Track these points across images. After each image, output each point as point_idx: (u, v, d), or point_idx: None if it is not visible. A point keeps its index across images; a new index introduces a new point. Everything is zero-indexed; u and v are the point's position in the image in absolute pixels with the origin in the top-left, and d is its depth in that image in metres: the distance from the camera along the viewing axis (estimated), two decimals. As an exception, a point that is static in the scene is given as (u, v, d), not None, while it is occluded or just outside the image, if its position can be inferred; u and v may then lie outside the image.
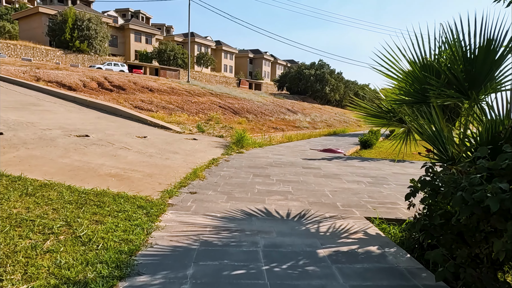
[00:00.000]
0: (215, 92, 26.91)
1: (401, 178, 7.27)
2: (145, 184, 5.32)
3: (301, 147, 12.61)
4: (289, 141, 14.88)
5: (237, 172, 6.91)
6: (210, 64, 62.43)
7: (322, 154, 10.77)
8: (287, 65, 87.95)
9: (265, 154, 9.77)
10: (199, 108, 19.72)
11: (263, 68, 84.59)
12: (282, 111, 27.97)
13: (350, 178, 7.01)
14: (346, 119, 35.40)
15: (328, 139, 17.04)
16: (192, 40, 66.34)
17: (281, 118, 24.70)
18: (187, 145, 9.61)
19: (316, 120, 28.58)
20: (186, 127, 12.99)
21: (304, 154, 10.60)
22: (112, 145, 8.08)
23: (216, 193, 5.17)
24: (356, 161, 9.51)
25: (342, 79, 60.62)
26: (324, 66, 57.22)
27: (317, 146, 13.50)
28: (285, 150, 11.22)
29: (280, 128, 19.71)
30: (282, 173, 7.08)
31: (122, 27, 55.52)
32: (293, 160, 8.97)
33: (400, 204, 5.09)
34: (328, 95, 55.68)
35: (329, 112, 38.09)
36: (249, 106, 24.52)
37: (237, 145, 10.40)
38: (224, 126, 15.22)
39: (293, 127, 21.73)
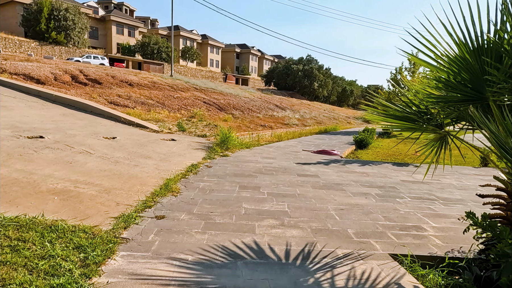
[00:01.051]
0: (200, 87, 25.52)
1: (414, 188, 6.21)
2: (97, 205, 4.06)
3: (293, 148, 11.48)
4: (279, 140, 13.73)
5: (220, 183, 5.70)
6: (195, 58, 60.67)
7: (317, 156, 9.65)
8: (275, 60, 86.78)
9: (253, 157, 8.58)
10: (182, 104, 18.35)
11: (250, 63, 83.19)
12: (270, 107, 26.82)
13: (355, 188, 5.90)
14: (336, 116, 34.51)
15: (320, 138, 15.97)
16: (176, 33, 64.36)
17: (269, 115, 23.54)
18: (164, 147, 8.33)
19: (305, 117, 27.54)
20: (165, 126, 11.66)
21: (297, 156, 9.46)
22: (70, 149, 6.74)
23: (191, 217, 3.96)
24: (356, 165, 8.42)
25: (330, 75, 59.87)
26: (312, 62, 56.28)
27: (309, 146, 12.40)
28: (275, 152, 10.06)
29: (269, 126, 18.56)
30: (274, 183, 5.91)
31: (103, 18, 53.17)
32: (285, 165, 7.81)
33: (427, 230, 3.99)
34: (316, 91, 54.82)
35: (318, 108, 37.15)
36: (235, 102, 23.25)
37: (221, 146, 9.18)
38: (208, 124, 13.94)
39: (282, 125, 20.61)
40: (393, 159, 10.65)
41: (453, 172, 8.16)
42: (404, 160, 10.67)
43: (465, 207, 5.17)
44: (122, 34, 54.79)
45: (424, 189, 6.18)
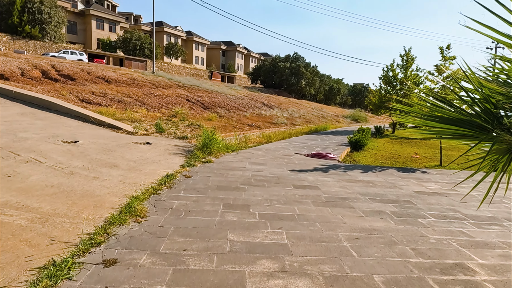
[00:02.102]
0: (183, 84, 24.18)
1: (432, 203, 5.21)
2: (19, 246, 2.86)
3: (284, 150, 10.40)
4: (268, 142, 12.64)
5: (199, 200, 4.56)
6: (180, 55, 58.96)
7: (312, 161, 8.60)
8: (261, 58, 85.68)
9: (240, 163, 7.45)
10: (163, 102, 17.04)
11: (236, 61, 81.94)
12: (258, 105, 25.71)
13: (365, 204, 4.85)
14: (324, 115, 33.68)
15: (311, 139, 14.96)
16: (160, 29, 62.54)
17: (257, 113, 22.43)
18: (135, 152, 7.11)
19: (294, 115, 26.54)
20: (141, 126, 10.41)
21: (290, 161, 8.38)
22: (15, 157, 5.47)
23: (154, 260, 2.81)
24: (358, 172, 7.40)
25: (317, 73, 59.13)
26: (299, 59, 55.39)
27: (302, 148, 11.35)
28: (265, 156, 8.96)
29: (256, 126, 17.45)
30: (266, 199, 4.81)
31: (82, 12, 50.91)
32: (278, 173, 6.71)
33: (477, 271, 2.96)
34: (304, 89, 53.99)
35: (306, 107, 36.25)
36: (221, 100, 22.04)
37: (203, 151, 8.01)
38: (190, 124, 12.73)
39: (270, 124, 19.53)
40: (393, 162, 9.71)
41: (464, 176, 7.24)
42: (406, 163, 9.75)
43: (503, 229, 4.19)
44: (103, 30, 52.64)
45: (444, 203, 5.19)
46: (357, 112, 38.51)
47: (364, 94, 71.92)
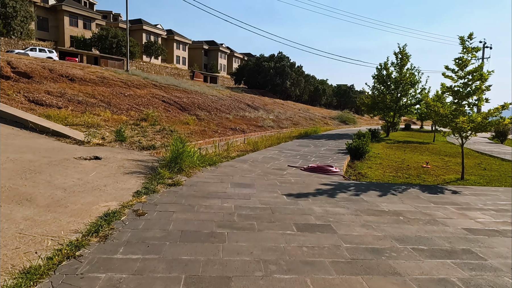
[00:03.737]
0: (159, 83, 22.06)
1: (502, 252, 3.48)
2: None
3: (275, 162, 8.58)
4: (254, 149, 10.80)
5: (145, 270, 2.67)
6: (160, 54, 56.51)
7: (311, 178, 6.81)
8: (244, 58, 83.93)
9: (219, 186, 5.57)
10: (134, 104, 14.95)
11: (219, 61, 79.95)
12: (242, 107, 23.84)
13: (413, 263, 3.07)
14: (312, 116, 32.10)
15: (303, 145, 13.20)
16: (139, 27, 59.95)
17: (241, 115, 20.56)
18: (73, 173, 5.12)
19: (280, 117, 24.80)
20: (97, 134, 8.37)
21: (285, 179, 6.56)
22: None
23: None
24: (375, 195, 5.64)
25: (302, 73, 57.79)
26: (284, 59, 53.82)
27: (295, 157, 9.56)
28: (252, 171, 7.11)
29: (240, 130, 15.57)
30: (258, 261, 2.96)
31: (54, 8, 47.82)
32: (271, 201, 4.87)
33: None
34: (289, 90, 52.46)
35: (293, 108, 34.62)
36: (201, 101, 20.06)
37: (171, 167, 6.09)
38: (162, 129, 10.75)
39: (255, 127, 17.70)
40: (407, 176, 8.04)
41: (505, 197, 5.59)
42: (421, 176, 8.11)
43: None
44: (77, 26, 49.66)
45: (522, 254, 3.47)
46: (345, 114, 37.16)
47: (349, 95, 71.19)
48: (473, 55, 7.77)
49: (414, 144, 16.52)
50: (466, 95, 7.70)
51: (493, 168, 9.95)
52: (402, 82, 18.89)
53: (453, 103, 7.96)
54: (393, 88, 19.23)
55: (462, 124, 7.45)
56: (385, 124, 21.94)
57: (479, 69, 7.64)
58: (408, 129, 31.62)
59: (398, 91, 19.25)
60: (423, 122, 38.21)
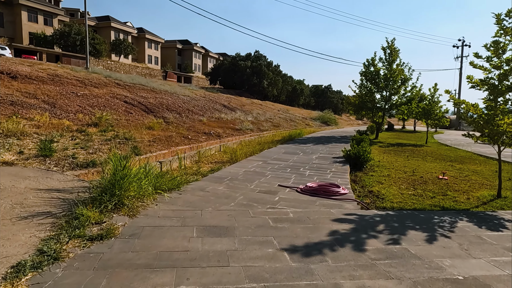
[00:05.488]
0: (124, 82, 19.52)
1: None
2: None
3: (260, 180, 6.52)
4: (232, 160, 8.72)
5: None
6: (130, 53, 53.25)
7: (315, 208, 4.80)
8: (220, 58, 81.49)
9: (178, 237, 3.43)
10: (87, 105, 12.48)
11: (194, 61, 77.20)
12: (217, 108, 21.66)
13: None
14: (292, 117, 30.32)
15: (290, 152, 11.21)
16: (106, 24, 56.48)
17: (216, 117, 18.38)
18: None
19: (259, 119, 22.82)
20: (13, 146, 6.01)
21: (279, 212, 4.52)
22: None
23: None
24: (419, 238, 3.71)
25: (279, 72, 56.19)
26: (261, 58, 51.97)
27: (285, 170, 7.54)
28: (230, 199, 5.01)
29: (216, 134, 13.42)
30: None
31: (10, 2, 43.65)
32: (267, 272, 2.80)
33: None
34: (266, 90, 50.62)
35: (272, 109, 32.73)
36: (170, 102, 17.73)
37: (103, 202, 3.89)
38: (114, 136, 8.47)
39: (233, 131, 15.59)
40: (429, 193, 6.20)
41: None
42: (446, 192, 6.31)
43: None
44: (36, 22, 45.69)
45: None
46: (326, 114, 35.67)
47: (326, 95, 70.32)
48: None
49: (409, 147, 14.94)
50: (508, 89, 5.95)
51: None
52: (392, 79, 17.34)
53: (489, 100, 6.20)
54: (382, 86, 17.64)
55: (507, 127, 5.69)
56: (373, 125, 20.38)
57: (522, 55, 5.91)
58: (392, 129, 30.46)
59: (388, 89, 17.69)
60: (405, 123, 37.37)
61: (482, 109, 6.42)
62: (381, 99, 18.15)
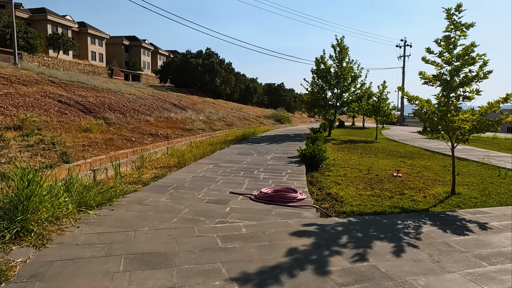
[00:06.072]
0: (60, 80, 17.67)
1: None
2: None
3: (210, 187, 5.86)
4: (179, 164, 7.94)
5: None
6: (70, 48, 49.34)
7: (271, 219, 4.26)
8: (170, 56, 78.83)
9: (98, 274, 2.69)
10: (10, 105, 10.90)
11: (142, 58, 73.93)
12: (166, 107, 20.50)
13: None
14: (246, 116, 29.85)
15: (244, 153, 10.64)
16: (42, 17, 51.92)
17: (165, 117, 17.30)
18: None
19: (212, 118, 22.02)
20: None
21: (230, 230, 3.91)
22: None
23: None
24: (385, 250, 3.30)
25: (232, 70, 55.52)
26: (212, 56, 50.92)
27: (238, 175, 6.94)
28: (172, 214, 4.31)
29: (163, 135, 12.46)
30: None
31: None
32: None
33: None
34: (219, 88, 49.70)
35: (225, 107, 32.00)
36: (114, 101, 16.33)
37: (2, 229, 3.01)
38: (38, 141, 7.30)
39: (183, 131, 14.68)
40: (387, 193, 5.98)
41: None
42: (404, 191, 6.14)
43: None
44: (-44, 13, 40.49)
45: None
46: (280, 112, 35.69)
47: (279, 94, 71.00)
48: (462, 33, 5.98)
49: (361, 144, 15.11)
50: (460, 84, 5.87)
51: (465, 172, 8.54)
52: (343, 77, 17.50)
53: (442, 97, 6.11)
54: (333, 83, 17.73)
55: (461, 123, 5.59)
56: (325, 122, 20.54)
57: (471, 49, 5.86)
58: (343, 126, 31.24)
59: (339, 86, 17.83)
60: (354, 120, 38.63)
61: (435, 105, 6.34)
62: (333, 97, 18.27)
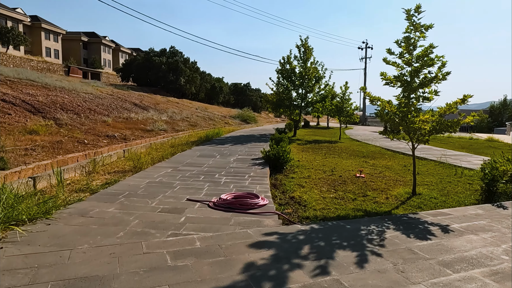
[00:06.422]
0: (5, 77, 16.28)
1: None
2: None
3: (166, 194, 5.45)
4: (134, 169, 7.42)
5: None
6: (21, 43, 46.11)
7: (229, 229, 3.97)
8: (133, 54, 76.16)
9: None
10: None
11: (103, 56, 70.91)
12: (127, 107, 19.57)
13: None
14: (211, 116, 29.30)
15: (206, 155, 10.25)
16: (-11, 9, 48.01)
17: (124, 117, 16.45)
18: None
19: (175, 118, 21.32)
20: None
21: (182, 245, 3.57)
22: None
23: None
24: (349, 261, 3.12)
25: (197, 69, 54.55)
26: (177, 54, 49.70)
27: (198, 179, 6.57)
28: (119, 227, 3.89)
29: (121, 136, 11.76)
30: None
31: None
32: None
33: None
34: (184, 88, 48.61)
35: (189, 107, 31.24)
36: (67, 101, 15.27)
37: None
38: (-29, 146, 6.49)
39: (143, 132, 14.00)
40: (350, 195, 5.89)
41: None
42: (366, 193, 6.07)
43: None
44: None
45: None
46: (246, 112, 35.43)
47: (246, 93, 70.82)
48: (422, 34, 6.00)
49: (325, 144, 15.19)
50: (420, 85, 5.89)
51: (424, 171, 8.72)
52: (307, 77, 17.55)
53: (403, 98, 6.10)
54: (298, 84, 17.74)
55: (421, 124, 5.60)
56: (291, 122, 20.55)
57: (430, 50, 5.90)
58: (308, 126, 31.59)
59: (303, 87, 17.86)
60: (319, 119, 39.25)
61: (396, 106, 6.34)
62: (298, 97, 18.29)
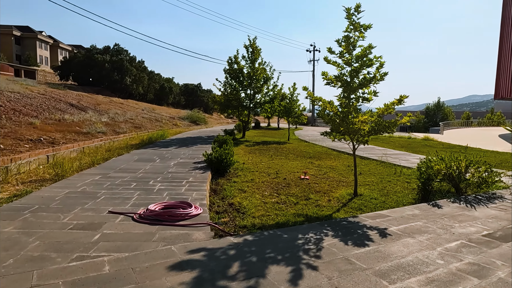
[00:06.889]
0: None
1: None
2: None
3: (84, 206, 4.79)
4: (56, 177, 6.57)
5: None
6: None
7: (151, 246, 3.47)
8: (74, 51, 71.20)
9: None
10: None
11: (39, 52, 65.55)
12: (61, 107, 17.93)
13: None
14: (158, 117, 28.05)
15: (145, 159, 9.52)
16: None
17: (56, 119, 14.99)
18: None
19: (117, 120, 20.00)
20: None
21: (89, 272, 2.99)
22: None
23: None
24: (281, 278, 2.78)
25: (145, 69, 52.33)
26: (122, 52, 47.18)
27: (128, 187, 5.92)
28: (8, 251, 3.22)
29: (49, 140, 10.57)
30: None
31: None
32: None
33: None
34: (130, 88, 46.29)
35: (135, 108, 29.67)
36: (-14, 100, 13.53)
37: None
38: None
39: (77, 135, 12.80)
40: (293, 199, 5.66)
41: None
42: (309, 196, 5.89)
43: None
44: None
45: None
46: (195, 113, 34.49)
47: (197, 94, 69.45)
48: (361, 33, 5.95)
49: (273, 145, 15.07)
50: (359, 86, 5.82)
51: (366, 171, 8.83)
52: (255, 77, 17.36)
53: (343, 98, 6.01)
54: (246, 84, 17.49)
55: (361, 125, 5.51)
56: (239, 123, 20.24)
57: (369, 51, 5.86)
58: (259, 127, 31.56)
59: (252, 87, 17.64)
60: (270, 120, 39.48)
61: (337, 106, 6.24)
62: (246, 98, 18.04)
